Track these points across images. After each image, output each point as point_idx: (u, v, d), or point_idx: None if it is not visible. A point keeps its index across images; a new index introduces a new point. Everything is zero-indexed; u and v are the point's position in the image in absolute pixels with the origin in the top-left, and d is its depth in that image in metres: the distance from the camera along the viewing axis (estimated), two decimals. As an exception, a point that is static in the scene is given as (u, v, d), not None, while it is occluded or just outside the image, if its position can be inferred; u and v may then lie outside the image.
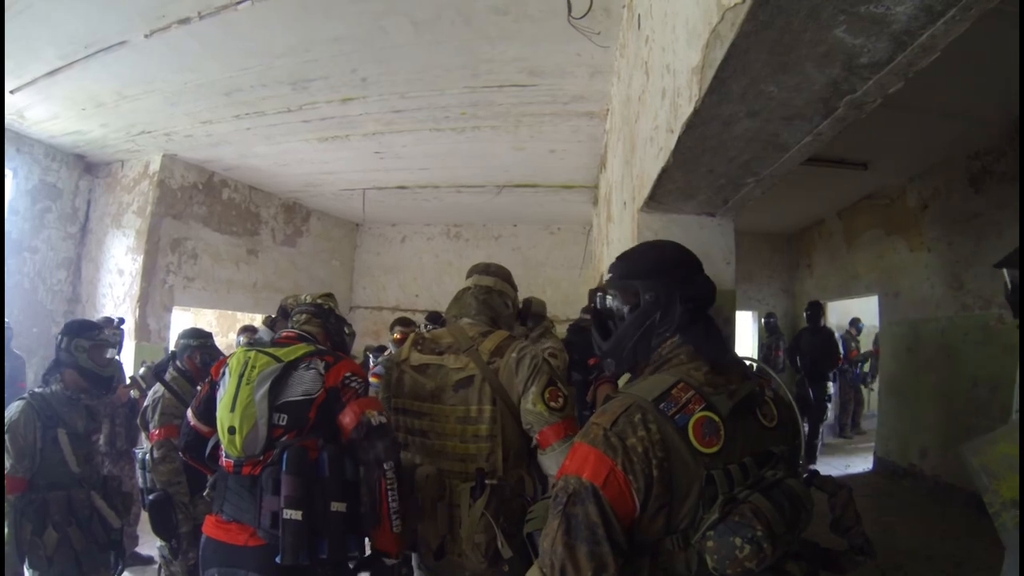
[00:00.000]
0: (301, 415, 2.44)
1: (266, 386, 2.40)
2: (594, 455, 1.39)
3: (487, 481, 2.36)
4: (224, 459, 2.52)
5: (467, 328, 2.66)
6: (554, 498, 1.42)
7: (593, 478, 1.36)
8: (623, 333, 1.69)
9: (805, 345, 8.95)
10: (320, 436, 2.44)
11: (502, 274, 2.91)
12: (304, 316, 3.02)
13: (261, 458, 2.39)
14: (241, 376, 2.43)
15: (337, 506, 2.34)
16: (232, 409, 2.40)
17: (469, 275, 2.91)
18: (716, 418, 1.43)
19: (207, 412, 2.61)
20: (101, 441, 5.20)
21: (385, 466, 2.38)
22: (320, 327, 3.00)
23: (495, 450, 2.43)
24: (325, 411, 2.47)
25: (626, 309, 1.69)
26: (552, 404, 2.40)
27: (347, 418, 2.44)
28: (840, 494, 1.52)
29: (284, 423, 2.42)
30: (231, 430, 2.39)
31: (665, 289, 1.64)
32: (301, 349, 2.58)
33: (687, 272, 1.67)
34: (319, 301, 3.11)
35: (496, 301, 2.79)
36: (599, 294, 1.83)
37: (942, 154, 6.86)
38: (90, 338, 3.79)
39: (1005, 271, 3.32)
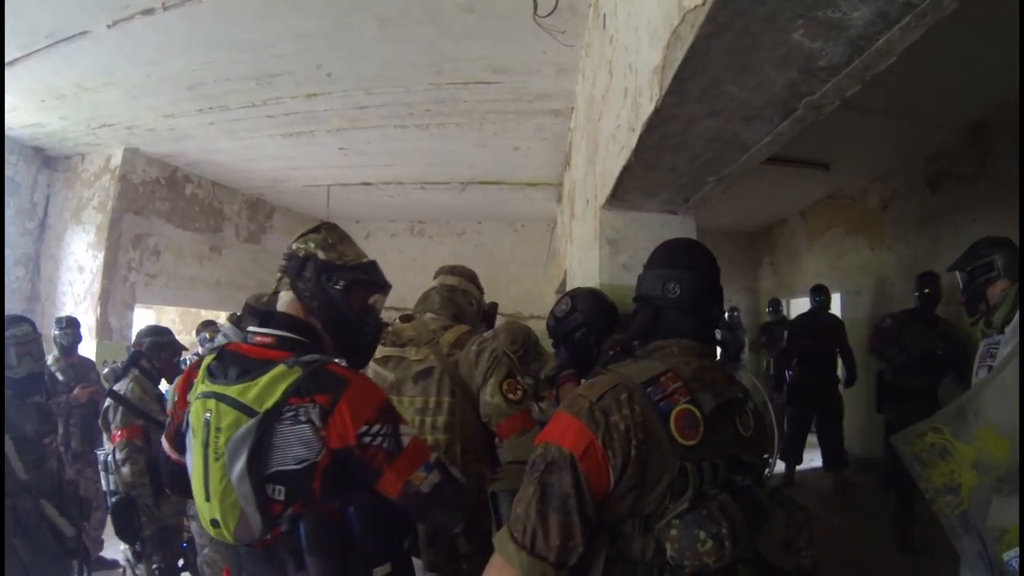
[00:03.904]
0: (302, 487, 1.65)
1: (243, 460, 1.60)
2: (576, 426, 1.41)
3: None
4: None
5: (429, 322, 2.67)
6: (532, 464, 1.44)
7: (573, 448, 1.38)
8: None
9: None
10: (337, 499, 1.72)
11: (468, 275, 2.93)
12: (279, 283, 1.95)
13: (268, 537, 1.69)
14: (206, 446, 1.67)
15: (381, 570, 1.74)
16: (207, 498, 1.68)
17: (436, 276, 2.94)
18: (698, 413, 1.45)
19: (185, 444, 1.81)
20: (58, 442, 5.11)
21: (455, 531, 2.07)
22: (298, 304, 1.89)
23: (453, 442, 2.43)
24: (337, 475, 1.68)
25: None
26: (510, 396, 2.39)
27: (387, 490, 1.71)
28: (797, 515, 1.54)
29: (282, 496, 1.64)
30: (214, 523, 1.69)
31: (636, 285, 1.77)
32: (281, 382, 1.64)
33: (647, 267, 1.76)
34: (293, 247, 2.00)
35: (460, 299, 2.82)
36: None
37: (901, 157, 7.00)
38: None
39: (958, 273, 3.43)
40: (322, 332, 1.88)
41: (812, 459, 7.92)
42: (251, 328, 1.86)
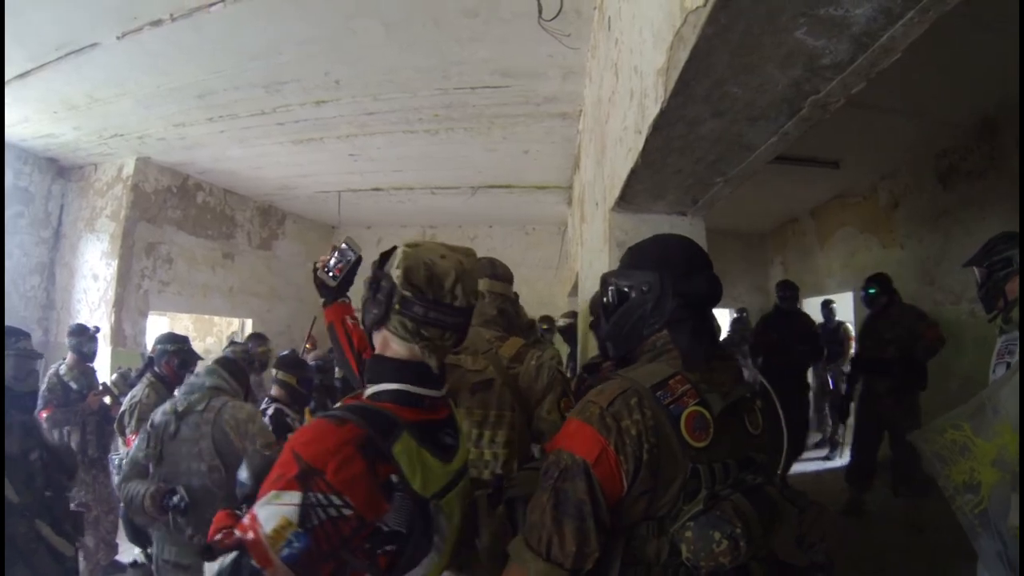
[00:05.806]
0: None
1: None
2: (588, 432, 1.42)
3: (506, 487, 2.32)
4: None
5: (482, 331, 2.58)
6: (545, 471, 1.45)
7: (586, 455, 1.39)
8: (620, 319, 1.72)
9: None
10: None
11: (509, 277, 2.79)
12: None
13: None
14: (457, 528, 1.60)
15: None
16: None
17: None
18: (707, 415, 1.46)
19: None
20: (73, 447, 5.10)
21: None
22: None
23: (512, 457, 2.39)
24: None
25: (628, 296, 1.71)
26: (567, 414, 2.36)
27: None
28: (809, 511, 1.54)
29: None
30: None
31: (659, 281, 1.64)
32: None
33: (686, 267, 1.67)
34: (460, 301, 1.69)
35: (510, 309, 2.74)
36: (604, 280, 1.84)
37: (911, 153, 6.97)
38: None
39: (975, 268, 3.40)
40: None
41: (827, 459, 7.84)
42: (422, 392, 1.61)
